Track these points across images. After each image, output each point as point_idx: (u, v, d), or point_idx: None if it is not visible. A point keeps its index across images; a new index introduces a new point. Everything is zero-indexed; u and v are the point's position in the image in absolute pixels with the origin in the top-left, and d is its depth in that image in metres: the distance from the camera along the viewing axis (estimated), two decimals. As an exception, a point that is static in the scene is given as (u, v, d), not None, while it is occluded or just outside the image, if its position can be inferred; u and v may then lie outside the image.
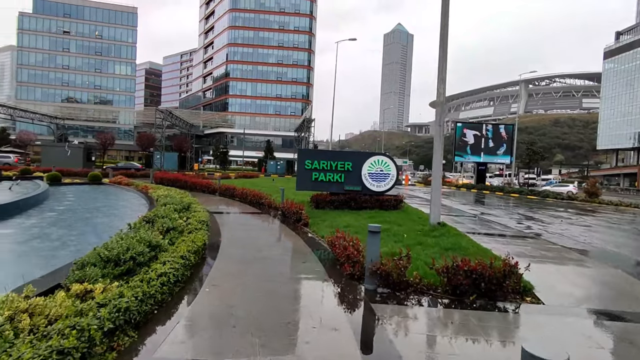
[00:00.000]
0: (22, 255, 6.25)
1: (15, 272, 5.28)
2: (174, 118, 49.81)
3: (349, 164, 12.78)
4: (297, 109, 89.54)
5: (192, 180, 20.44)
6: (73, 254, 5.25)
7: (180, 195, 13.10)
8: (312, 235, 8.77)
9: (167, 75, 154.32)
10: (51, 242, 7.18)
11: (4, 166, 32.90)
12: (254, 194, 14.91)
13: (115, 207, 12.38)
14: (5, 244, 6.89)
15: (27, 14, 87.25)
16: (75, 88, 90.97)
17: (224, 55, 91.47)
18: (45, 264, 5.72)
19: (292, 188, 15.11)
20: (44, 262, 6.01)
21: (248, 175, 37.22)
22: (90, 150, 42.20)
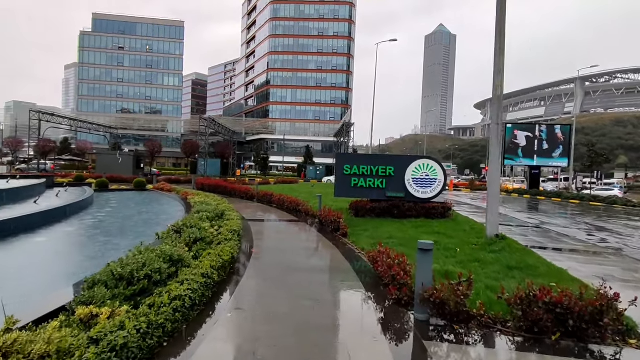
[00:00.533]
0: (48, 265, 6.03)
1: (34, 283, 5.01)
2: (216, 125, 51.23)
3: (391, 168, 11.86)
4: (336, 114, 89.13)
5: (232, 187, 20.41)
6: (99, 264, 4.90)
7: (216, 202, 12.87)
8: (351, 246, 7.99)
9: (212, 85, 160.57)
10: (80, 252, 6.99)
11: (42, 172, 35.26)
12: (291, 200, 14.40)
13: (151, 213, 12.36)
14: (35, 252, 6.76)
15: (88, 32, 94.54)
16: (129, 99, 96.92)
17: (265, 63, 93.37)
18: (68, 272, 5.43)
19: (330, 194, 14.42)
20: (67, 272, 5.75)
21: (287, 181, 37.11)
22: (140, 157, 44.22)
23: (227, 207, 11.46)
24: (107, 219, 10.55)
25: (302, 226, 10.89)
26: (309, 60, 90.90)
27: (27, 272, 5.58)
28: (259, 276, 5.65)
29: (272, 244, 8.11)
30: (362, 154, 20.67)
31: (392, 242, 7.95)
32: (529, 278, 5.20)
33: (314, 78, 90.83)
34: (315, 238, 9.16)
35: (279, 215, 12.95)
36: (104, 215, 11.14)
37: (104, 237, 8.40)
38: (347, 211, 12.25)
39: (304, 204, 13.48)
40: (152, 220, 10.65)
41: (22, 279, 5.39)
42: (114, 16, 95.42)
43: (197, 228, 6.68)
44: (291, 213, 13.42)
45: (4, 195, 9.98)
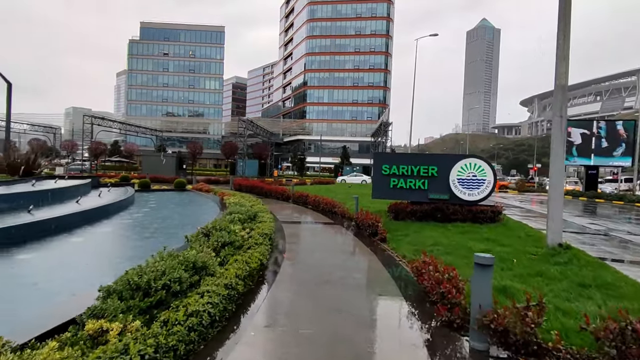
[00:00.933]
0: (77, 267, 5.92)
1: (59, 287, 4.85)
2: (254, 127, 51.98)
3: (434, 168, 11.00)
4: (373, 114, 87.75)
5: (268, 187, 20.28)
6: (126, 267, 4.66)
7: (251, 202, 12.63)
8: (390, 253, 7.33)
9: (251, 88, 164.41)
10: (112, 253, 6.89)
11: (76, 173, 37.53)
12: (326, 202, 13.90)
13: (186, 214, 12.34)
14: (68, 253, 6.73)
15: (136, 40, 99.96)
16: (173, 103, 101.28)
17: (302, 64, 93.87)
18: (93, 275, 5.26)
19: (367, 195, 13.78)
20: (92, 276, 5.61)
21: (324, 182, 36.72)
22: (182, 159, 45.74)
23: (261, 208, 11.16)
24: (143, 220, 10.61)
25: (337, 229, 10.34)
26: (346, 60, 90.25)
27: (55, 275, 5.47)
28: (289, 286, 5.17)
29: (305, 249, 7.64)
30: (402, 153, 19.77)
31: (437, 249, 7.20)
32: (610, 300, 4.33)
33: (351, 78, 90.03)
34: (352, 243, 8.58)
35: (314, 217, 12.48)
36: (141, 216, 11.24)
37: (137, 238, 8.35)
38: (386, 214, 11.55)
39: (339, 206, 12.93)
40: (185, 221, 10.58)
41: (51, 280, 5.27)
42: (159, 24, 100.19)
43: (227, 231, 6.33)
44: (326, 215, 12.92)
45: (49, 195, 10.31)
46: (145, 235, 8.94)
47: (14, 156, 13.89)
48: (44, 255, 6.29)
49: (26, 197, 9.29)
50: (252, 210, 9.41)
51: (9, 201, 8.66)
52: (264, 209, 11.08)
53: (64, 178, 15.14)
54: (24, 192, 9.38)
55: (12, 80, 15.53)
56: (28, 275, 5.41)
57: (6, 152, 14.48)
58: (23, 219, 7.44)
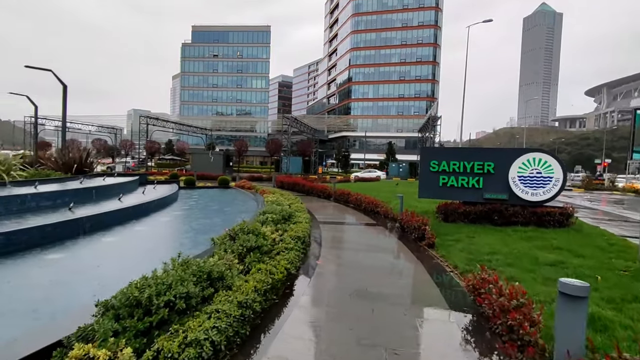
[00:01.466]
0: (101, 270, 5.67)
1: (75, 293, 4.56)
2: (298, 124, 52.00)
3: (490, 164, 9.76)
4: (420, 108, 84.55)
5: (309, 185, 19.80)
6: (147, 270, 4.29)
7: (289, 201, 12.15)
8: (439, 262, 6.39)
9: (296, 86, 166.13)
10: (141, 254, 6.64)
11: (128, 170, 39.63)
12: (368, 200, 13.04)
13: (223, 213, 12.12)
14: (97, 254, 6.56)
15: (188, 44, 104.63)
16: (222, 103, 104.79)
17: (347, 60, 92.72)
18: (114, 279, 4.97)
19: (414, 193, 12.73)
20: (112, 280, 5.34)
21: (368, 179, 35.67)
22: (229, 156, 46.86)
23: (299, 207, 10.61)
24: (179, 218, 10.50)
25: (379, 231, 9.49)
26: (392, 54, 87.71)
27: (77, 278, 5.22)
28: (319, 302, 4.48)
29: (342, 255, 6.90)
30: (453, 148, 18.30)
31: (496, 259, 6.16)
32: None
33: (397, 72, 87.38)
34: (395, 248, 7.70)
35: (355, 217, 11.70)
36: (178, 214, 11.17)
37: (169, 238, 8.14)
38: (434, 215, 10.50)
39: (383, 205, 12.03)
40: (220, 220, 10.30)
41: (71, 285, 5.02)
42: (209, 27, 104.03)
43: (255, 234, 5.79)
44: (368, 215, 12.08)
45: (94, 192, 10.53)
46: (177, 235, 8.74)
47: (68, 155, 14.64)
48: (71, 255, 6.15)
49: (71, 195, 9.50)
50: (287, 210, 8.86)
51: (53, 199, 8.86)
52: (301, 208, 10.52)
53: (113, 175, 15.72)
54: (69, 189, 9.64)
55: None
56: (46, 277, 5.22)
57: (62, 151, 15.36)
58: (61, 217, 7.46)
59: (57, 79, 15.26)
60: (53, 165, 14.23)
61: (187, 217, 11.23)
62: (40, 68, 15.49)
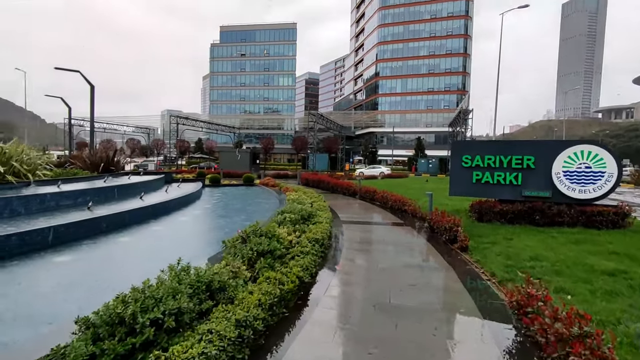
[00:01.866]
0: (108, 274, 5.43)
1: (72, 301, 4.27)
2: (324, 120, 51.52)
3: (531, 158, 8.84)
4: (451, 102, 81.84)
5: (334, 182, 19.26)
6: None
7: (312, 199, 11.69)
8: (474, 268, 5.70)
9: (323, 82, 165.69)
10: (153, 256, 6.37)
11: (160, 169, 40.77)
12: (395, 198, 12.33)
13: (243, 211, 11.82)
14: (107, 256, 6.35)
15: (217, 44, 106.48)
16: (250, 102, 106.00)
17: (374, 55, 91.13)
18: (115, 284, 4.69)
19: (444, 190, 11.95)
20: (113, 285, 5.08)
21: (395, 176, 34.67)
22: (256, 154, 47.12)
23: (321, 205, 10.12)
24: (197, 218, 10.22)
25: (407, 232, 8.82)
26: (420, 47, 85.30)
27: (79, 283, 4.98)
28: (334, 318, 3.94)
29: (364, 259, 6.32)
30: (488, 141, 17.21)
31: (540, 266, 5.40)
32: None
33: (426, 65, 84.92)
34: (423, 251, 7.04)
35: (381, 216, 11.06)
36: (198, 213, 10.95)
37: (183, 239, 7.82)
38: (467, 214, 9.70)
39: (410, 204, 11.31)
40: (238, 219, 9.98)
41: (70, 290, 4.75)
42: (237, 27, 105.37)
43: (268, 236, 5.34)
44: (395, 213, 11.40)
45: (116, 191, 10.51)
46: (193, 235, 8.48)
47: (95, 154, 14.90)
48: (80, 257, 5.95)
49: (92, 194, 9.48)
50: (308, 210, 8.39)
51: (74, 197, 8.84)
52: (323, 207, 10.03)
53: (139, 174, 15.87)
54: (91, 188, 9.64)
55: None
56: (50, 280, 5.01)
57: (90, 151, 15.67)
58: (77, 216, 7.34)
59: (85, 79, 15.56)
60: (82, 164, 14.53)
61: (206, 215, 11.01)
62: (69, 69, 15.92)
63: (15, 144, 9.99)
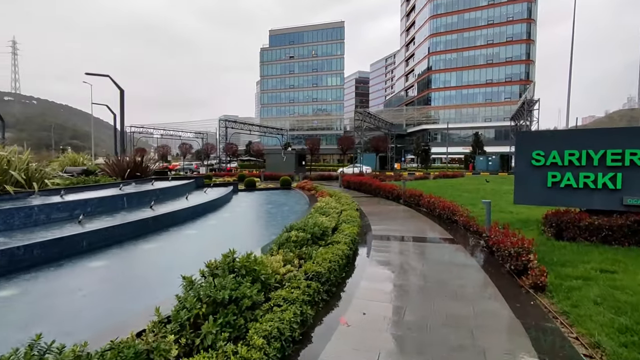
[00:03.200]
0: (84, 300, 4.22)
1: None
2: (372, 118, 49.24)
3: (636, 152, 6.35)
4: (513, 94, 74.98)
5: (376, 185, 17.28)
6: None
7: (343, 206, 10.00)
8: (560, 326, 3.63)
9: (373, 81, 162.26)
10: (139, 282, 5.12)
11: (193, 173, 41.37)
12: (444, 205, 10.12)
13: (260, 224, 10.41)
14: (97, 276, 5.21)
15: (266, 48, 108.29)
16: (299, 103, 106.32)
17: (426, 48, 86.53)
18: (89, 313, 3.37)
19: (507, 194, 9.58)
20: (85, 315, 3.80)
21: (449, 175, 31.56)
22: (302, 155, 46.17)
23: (351, 216, 8.37)
24: (204, 234, 8.65)
25: (456, 254, 6.73)
26: (477, 36, 79.24)
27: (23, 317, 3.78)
28: None
29: (384, 306, 4.38)
30: (569, 130, 14.21)
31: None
32: None
33: (483, 55, 78.66)
34: (477, 289, 4.94)
35: (425, 228, 8.98)
36: (209, 225, 9.57)
37: (170, 264, 6.40)
38: (540, 229, 7.38)
39: (462, 213, 9.07)
40: (249, 235, 8.57)
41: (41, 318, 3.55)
42: (285, 29, 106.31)
43: (243, 272, 3.75)
44: (444, 224, 9.26)
45: (125, 200, 9.63)
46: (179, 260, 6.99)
47: (122, 160, 14.51)
48: (31, 289, 4.82)
49: (95, 204, 8.63)
50: (324, 225, 6.68)
51: (70, 209, 7.99)
52: (353, 217, 8.27)
53: (167, 179, 15.22)
54: (95, 198, 8.77)
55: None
56: None
57: (117, 157, 15.38)
58: (57, 233, 6.35)
59: (115, 83, 15.33)
60: (110, 170, 14.19)
61: (215, 232, 9.59)
62: (99, 74, 15.81)
63: (24, 153, 9.51)
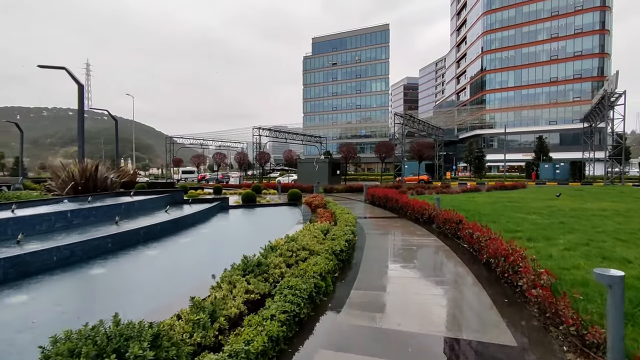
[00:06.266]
0: None
1: None
2: (416, 122, 44.37)
3: None
4: (583, 92, 65.56)
5: (403, 202, 13.16)
6: None
7: (345, 233, 6.31)
8: None
9: (422, 86, 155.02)
10: None
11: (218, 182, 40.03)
12: (495, 250, 5.90)
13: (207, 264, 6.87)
14: None
15: (309, 56, 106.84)
16: (342, 111, 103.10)
17: (479, 47, 79.30)
18: None
19: (602, 217, 5.25)
20: None
21: (508, 186, 26.12)
22: (336, 164, 42.59)
23: (327, 267, 4.67)
24: (126, 267, 5.57)
25: None
26: (538, 30, 70.78)
27: None
28: None
29: None
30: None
31: None
32: None
33: (546, 50, 69.94)
34: None
35: (465, 288, 4.95)
36: (150, 254, 6.35)
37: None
38: None
39: (530, 271, 4.88)
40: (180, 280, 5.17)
41: None
42: (327, 36, 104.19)
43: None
44: (497, 285, 5.16)
45: (94, 213, 6.72)
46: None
47: (69, 171, 11.88)
48: None
49: None
50: (300, 286, 3.07)
51: None
52: (327, 270, 4.55)
53: (129, 195, 12.40)
54: None
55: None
56: None
57: (76, 167, 12.76)
58: None
59: (72, 77, 13.08)
60: (56, 183, 11.66)
61: (176, 258, 6.38)
62: (54, 67, 13.63)
63: None
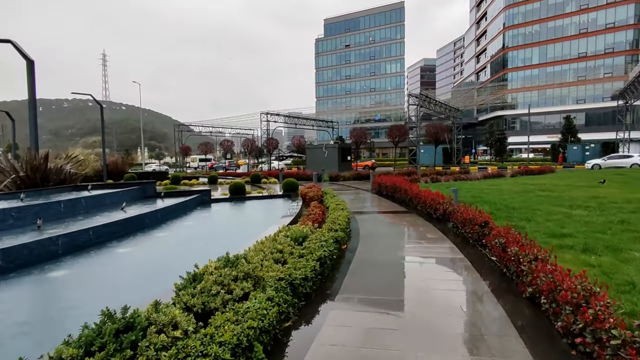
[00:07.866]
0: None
1: None
2: (432, 103, 41.48)
3: None
4: (615, 68, 60.65)
5: (413, 193, 11.10)
6: None
7: (322, 245, 4.44)
8: None
9: (440, 68, 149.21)
10: None
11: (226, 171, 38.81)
12: (555, 284, 3.92)
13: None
14: None
15: (321, 39, 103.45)
16: (355, 94, 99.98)
17: (500, 23, 74.41)
18: None
19: None
20: None
21: (534, 170, 23.54)
22: (346, 149, 40.41)
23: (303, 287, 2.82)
24: None
25: None
26: (565, 1, 65.57)
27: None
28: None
29: None
30: None
31: None
32: None
33: (575, 23, 64.79)
34: None
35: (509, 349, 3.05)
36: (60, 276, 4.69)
37: None
38: None
39: (589, 286, 2.91)
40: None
41: None
42: (340, 17, 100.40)
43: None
44: (554, 340, 3.23)
45: None
46: None
47: (12, 165, 10.26)
48: None
49: None
50: None
51: None
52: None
53: (87, 189, 10.77)
54: None
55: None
56: None
57: (34, 152, 11.00)
58: None
59: (19, 52, 11.50)
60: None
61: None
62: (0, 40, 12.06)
63: None
